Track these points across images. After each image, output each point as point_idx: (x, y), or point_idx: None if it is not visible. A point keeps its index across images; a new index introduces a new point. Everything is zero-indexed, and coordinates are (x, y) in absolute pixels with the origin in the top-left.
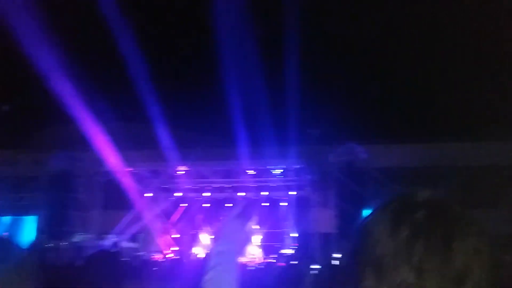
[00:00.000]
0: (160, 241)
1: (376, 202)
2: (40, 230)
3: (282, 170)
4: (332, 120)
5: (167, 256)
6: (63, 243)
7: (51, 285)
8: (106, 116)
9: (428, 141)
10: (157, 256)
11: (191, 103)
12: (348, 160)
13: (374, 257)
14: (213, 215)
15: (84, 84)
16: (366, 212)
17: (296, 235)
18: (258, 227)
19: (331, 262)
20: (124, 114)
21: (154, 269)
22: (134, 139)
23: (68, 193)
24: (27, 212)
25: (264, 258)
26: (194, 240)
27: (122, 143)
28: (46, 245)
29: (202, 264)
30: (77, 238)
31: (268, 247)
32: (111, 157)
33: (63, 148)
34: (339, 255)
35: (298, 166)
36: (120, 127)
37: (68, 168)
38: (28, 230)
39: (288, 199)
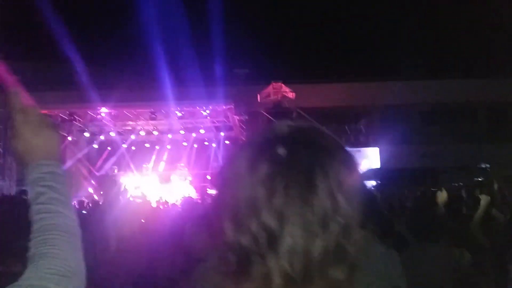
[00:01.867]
0: (83, 186)
1: None
2: None
3: (209, 111)
4: (260, 59)
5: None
6: None
7: None
8: (16, 54)
9: (355, 80)
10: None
11: (113, 41)
12: (276, 100)
13: (231, 203)
14: (140, 158)
15: None
16: None
17: None
18: (187, 169)
19: None
20: (35, 52)
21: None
22: (49, 79)
23: None
24: None
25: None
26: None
27: (36, 84)
28: None
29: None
30: None
31: (199, 188)
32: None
33: None
34: None
35: (226, 107)
36: (32, 66)
37: None
38: None
39: (218, 140)
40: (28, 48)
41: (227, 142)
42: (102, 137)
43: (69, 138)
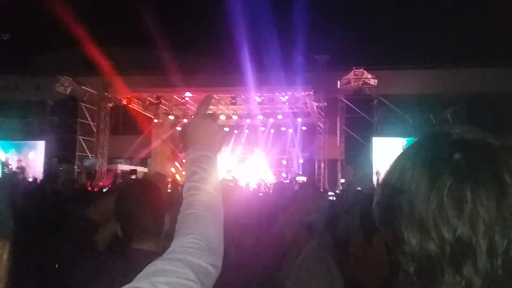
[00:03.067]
0: (168, 166)
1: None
2: (49, 155)
3: (288, 97)
4: (341, 45)
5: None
6: (73, 167)
7: (67, 207)
8: (109, 40)
9: (441, 66)
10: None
11: (197, 27)
12: (356, 87)
13: (415, 216)
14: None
15: (86, 8)
16: (375, 141)
17: (301, 161)
18: (264, 153)
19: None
20: (127, 38)
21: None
22: (139, 64)
23: (74, 118)
24: (35, 137)
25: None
26: None
27: (127, 68)
28: (57, 169)
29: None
30: (87, 162)
31: (276, 173)
32: (116, 82)
33: (66, 72)
34: (342, 180)
35: (305, 93)
36: (124, 51)
37: (72, 93)
38: (37, 154)
39: (295, 125)
40: (120, 34)
41: (304, 128)
42: (185, 120)
43: (155, 120)
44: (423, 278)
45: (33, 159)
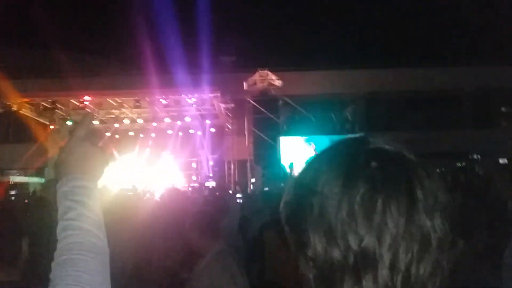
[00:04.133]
0: None
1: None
2: None
3: (195, 99)
4: (246, 46)
5: None
6: None
7: None
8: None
9: (341, 68)
10: None
11: (96, 26)
12: (262, 88)
13: (325, 220)
14: (125, 147)
15: None
16: (282, 140)
17: (211, 163)
18: (172, 156)
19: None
20: (17, 39)
21: None
22: (31, 67)
23: None
24: None
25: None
26: None
27: (17, 71)
28: None
29: None
30: None
31: (186, 176)
32: (4, 87)
33: None
34: (253, 180)
35: (212, 95)
36: (13, 53)
37: None
38: None
39: (204, 127)
40: (11, 34)
41: (212, 130)
42: None
43: (51, 127)
44: (321, 285)
45: None
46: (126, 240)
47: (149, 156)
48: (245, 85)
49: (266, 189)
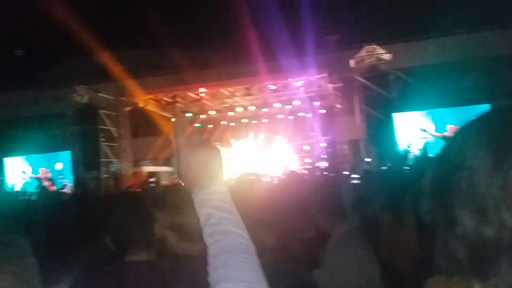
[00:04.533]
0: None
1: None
2: (76, 164)
3: (302, 82)
4: (350, 22)
5: None
6: (100, 173)
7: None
8: (119, 45)
9: (456, 33)
10: None
11: (204, 22)
12: (370, 64)
13: (474, 196)
14: (239, 133)
15: (91, 16)
16: (396, 117)
17: (325, 145)
18: (286, 140)
19: (364, 168)
20: (136, 40)
21: None
22: (151, 65)
23: (95, 126)
24: (60, 148)
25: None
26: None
27: (140, 71)
28: (85, 176)
29: None
30: (112, 167)
31: (300, 159)
32: (131, 86)
33: (81, 82)
34: (369, 159)
35: (320, 76)
36: (135, 54)
37: (90, 101)
38: (64, 164)
39: (313, 110)
40: (129, 37)
41: (322, 111)
42: (203, 116)
43: (173, 119)
44: (476, 264)
45: (62, 169)
46: (258, 225)
47: (263, 141)
48: (352, 63)
49: (383, 168)
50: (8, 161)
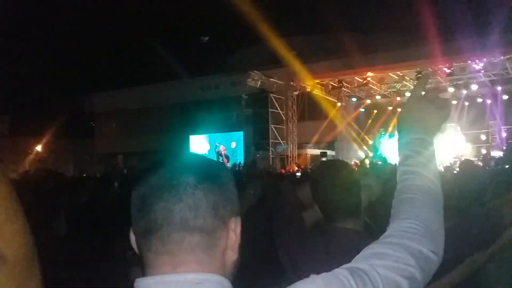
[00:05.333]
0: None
1: None
2: (247, 143)
3: (483, 64)
4: None
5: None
6: (268, 153)
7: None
8: (289, 31)
9: None
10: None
11: (371, 3)
12: None
13: None
14: None
15: (266, 6)
16: None
17: (505, 135)
18: (459, 128)
19: None
20: (305, 26)
21: None
22: (319, 50)
23: (265, 109)
24: (234, 129)
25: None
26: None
27: (309, 56)
28: (255, 156)
29: None
30: (279, 148)
31: (474, 149)
32: (300, 71)
33: (256, 67)
34: None
35: (505, 57)
36: (304, 40)
37: (262, 86)
38: (237, 144)
39: (495, 95)
40: (299, 23)
41: (505, 97)
42: (368, 101)
43: (339, 104)
44: None
45: (234, 147)
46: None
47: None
48: None
49: None
50: (193, 138)
